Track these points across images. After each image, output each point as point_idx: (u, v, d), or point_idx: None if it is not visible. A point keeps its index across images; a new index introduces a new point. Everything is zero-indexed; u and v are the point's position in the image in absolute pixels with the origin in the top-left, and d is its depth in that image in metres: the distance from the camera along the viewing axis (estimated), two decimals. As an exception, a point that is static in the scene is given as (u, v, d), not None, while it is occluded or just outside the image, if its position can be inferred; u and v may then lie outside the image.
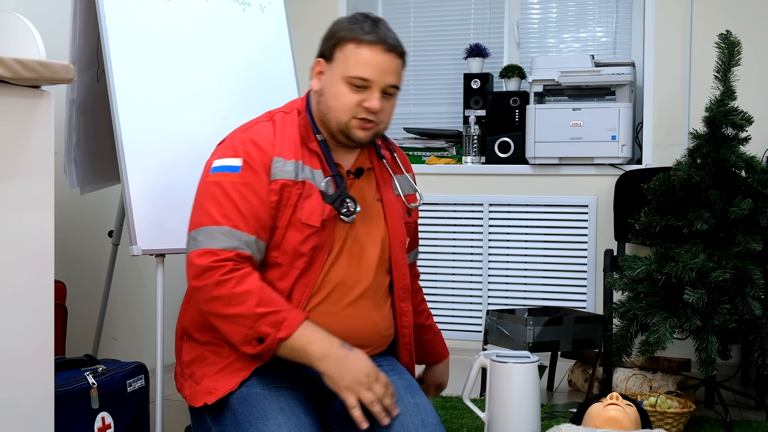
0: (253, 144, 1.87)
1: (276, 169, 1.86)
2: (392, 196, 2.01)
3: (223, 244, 1.79)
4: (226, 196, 1.83)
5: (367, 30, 1.87)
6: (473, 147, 4.21)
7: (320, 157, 1.91)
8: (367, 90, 1.86)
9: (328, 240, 1.88)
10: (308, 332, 1.77)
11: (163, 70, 2.52)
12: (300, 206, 1.86)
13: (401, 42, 1.94)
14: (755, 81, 3.79)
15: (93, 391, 2.13)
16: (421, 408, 1.86)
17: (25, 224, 1.72)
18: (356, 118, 1.87)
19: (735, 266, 2.86)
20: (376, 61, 1.85)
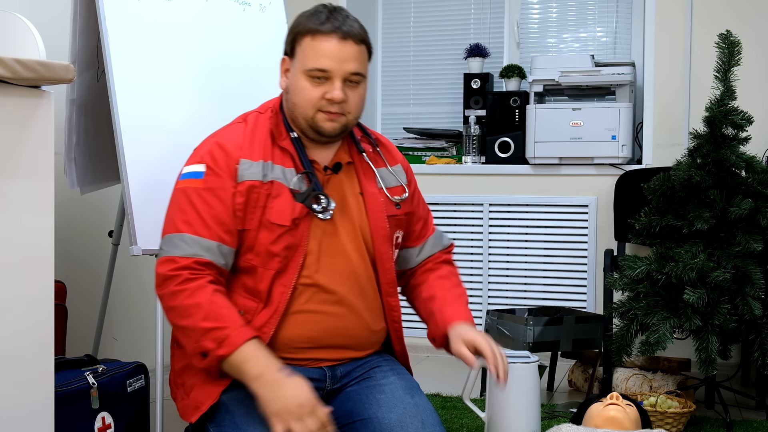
0: (219, 147, 1.86)
1: (242, 170, 1.84)
2: (375, 190, 1.97)
3: (182, 251, 1.79)
4: (189, 203, 1.83)
5: (322, 20, 1.84)
6: (473, 147, 4.21)
7: (293, 155, 1.89)
8: (328, 81, 1.83)
9: (303, 239, 1.86)
10: (249, 351, 1.73)
11: (163, 70, 2.52)
12: (269, 206, 1.84)
13: (363, 29, 1.89)
14: (755, 81, 3.79)
15: (93, 391, 2.13)
16: (421, 408, 1.85)
17: (25, 224, 1.72)
18: (321, 111, 1.85)
19: (735, 266, 2.86)
20: (333, 51, 1.82)
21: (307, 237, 1.86)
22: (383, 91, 4.72)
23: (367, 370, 1.94)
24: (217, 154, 1.85)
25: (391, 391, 1.87)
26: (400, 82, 4.68)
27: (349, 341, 1.91)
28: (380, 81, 4.71)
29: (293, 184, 1.87)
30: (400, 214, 2.01)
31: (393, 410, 1.82)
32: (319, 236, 1.88)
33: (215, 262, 1.81)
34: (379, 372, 1.93)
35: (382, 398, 1.86)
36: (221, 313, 1.76)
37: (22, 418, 1.72)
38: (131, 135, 2.37)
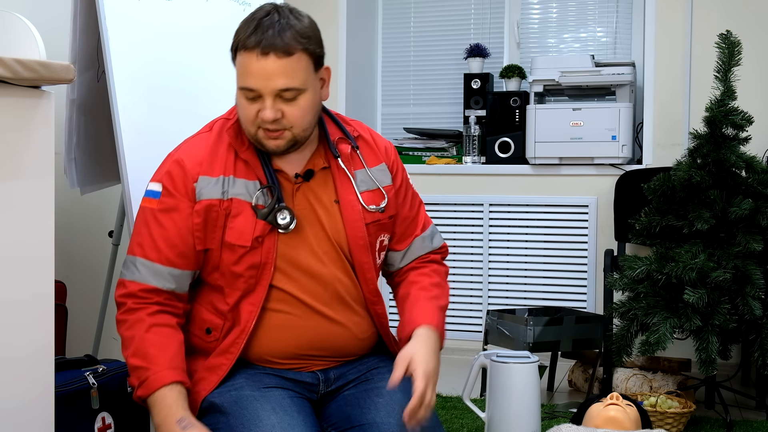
0: (178, 166, 1.79)
1: (200, 188, 1.77)
2: (352, 197, 1.86)
3: (132, 276, 1.79)
4: (144, 224, 1.80)
5: (249, 31, 1.71)
6: (473, 147, 4.21)
7: (256, 166, 1.81)
8: (260, 99, 1.72)
9: (269, 256, 1.79)
10: (159, 397, 1.71)
11: (162, 70, 2.52)
12: (228, 226, 1.78)
13: (297, 35, 1.71)
14: (755, 81, 3.79)
15: (93, 392, 2.13)
16: None
17: (25, 224, 1.72)
18: (261, 128, 1.75)
19: (735, 266, 2.86)
20: (256, 69, 1.70)
21: (273, 254, 1.79)
22: (383, 91, 4.72)
23: (364, 372, 1.90)
24: (175, 174, 1.79)
25: (389, 394, 1.83)
26: (401, 82, 4.68)
27: (334, 350, 1.87)
28: (380, 81, 4.72)
29: (256, 198, 1.79)
30: (383, 218, 1.91)
31: (392, 414, 1.78)
32: (289, 251, 1.81)
33: (164, 287, 1.78)
34: (376, 374, 1.89)
35: (381, 402, 1.82)
36: (148, 352, 1.73)
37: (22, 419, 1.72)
38: (131, 135, 2.37)
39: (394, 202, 1.94)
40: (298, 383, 1.86)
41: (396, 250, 1.99)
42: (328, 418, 1.86)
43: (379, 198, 1.90)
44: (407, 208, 1.99)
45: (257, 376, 1.83)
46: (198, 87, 2.60)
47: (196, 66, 2.61)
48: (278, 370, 1.85)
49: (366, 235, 1.86)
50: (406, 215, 1.99)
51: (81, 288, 3.09)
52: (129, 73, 2.40)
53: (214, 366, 1.83)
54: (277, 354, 1.85)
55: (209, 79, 2.65)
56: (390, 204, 1.92)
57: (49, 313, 1.79)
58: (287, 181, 1.83)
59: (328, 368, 1.89)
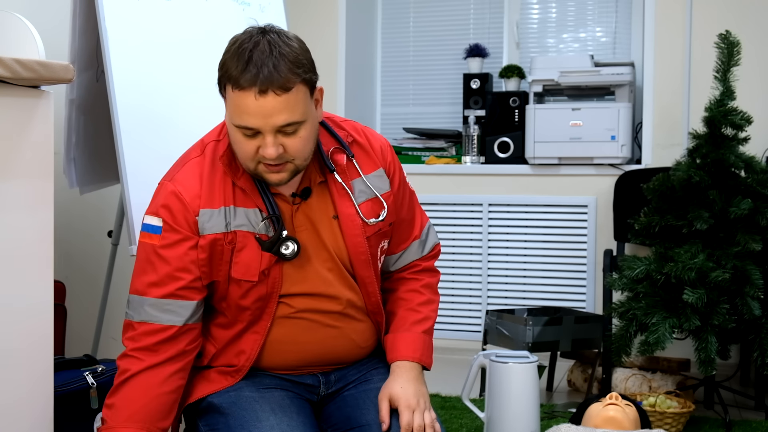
0: (177, 199, 1.72)
1: (203, 223, 1.72)
2: (351, 211, 1.80)
3: (139, 316, 1.72)
4: (148, 262, 1.73)
5: (242, 68, 1.61)
6: (473, 147, 4.21)
7: (253, 193, 1.75)
8: (260, 136, 1.65)
9: (275, 286, 1.76)
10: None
11: (162, 70, 2.52)
12: (234, 261, 1.73)
13: (292, 66, 1.62)
14: (755, 81, 3.79)
15: (92, 391, 2.13)
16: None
17: (24, 224, 1.72)
18: (262, 163, 1.68)
19: (734, 266, 2.86)
20: (254, 108, 1.61)
21: (279, 284, 1.76)
22: (383, 91, 4.72)
23: (364, 372, 1.90)
24: (175, 208, 1.72)
25: None
26: (400, 82, 4.68)
27: (337, 359, 1.87)
28: (380, 81, 4.71)
29: (259, 228, 1.74)
30: (384, 227, 1.86)
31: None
32: (293, 275, 1.78)
33: (171, 323, 1.72)
34: (376, 374, 1.89)
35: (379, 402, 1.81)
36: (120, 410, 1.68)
37: (21, 418, 1.72)
38: (130, 135, 2.37)
39: (393, 209, 1.89)
40: (299, 385, 1.86)
41: (392, 253, 1.95)
42: (328, 419, 1.86)
43: (379, 207, 1.85)
44: (405, 209, 1.94)
45: (257, 378, 1.83)
46: (198, 87, 2.60)
47: (196, 66, 2.61)
48: (279, 379, 1.85)
49: (367, 249, 1.82)
50: (404, 217, 1.94)
51: (80, 288, 3.09)
52: (128, 73, 2.40)
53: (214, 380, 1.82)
54: (280, 366, 1.85)
55: (209, 79, 2.64)
56: (390, 211, 1.87)
57: (48, 313, 1.79)
58: (285, 203, 1.78)
59: (329, 372, 1.89)
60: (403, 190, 1.94)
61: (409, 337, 1.87)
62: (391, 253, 1.95)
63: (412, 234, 1.97)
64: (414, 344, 1.86)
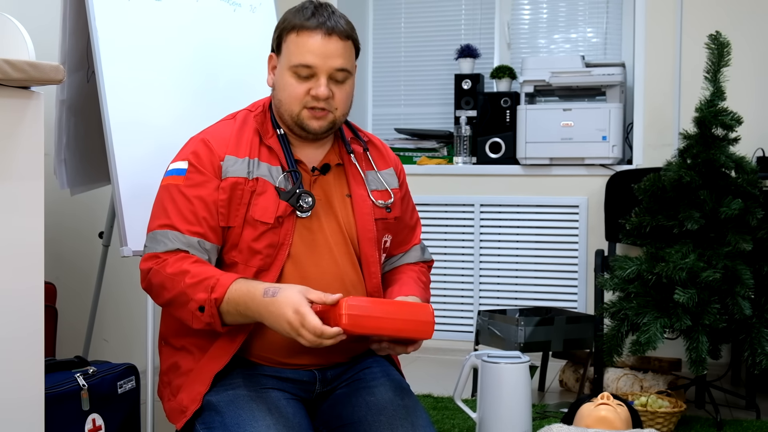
0: (204, 144, 1.85)
1: (227, 167, 1.83)
2: (363, 192, 1.94)
3: (165, 247, 1.80)
4: (171, 200, 1.83)
5: (308, 16, 1.83)
6: (464, 147, 4.21)
7: (279, 153, 1.88)
8: (313, 78, 1.82)
9: (287, 237, 1.84)
10: (237, 290, 1.72)
11: (153, 71, 2.51)
12: (253, 203, 1.83)
13: (349, 25, 1.88)
14: (745, 81, 3.80)
15: (83, 393, 2.13)
16: (411, 410, 1.83)
17: (14, 225, 1.71)
18: (307, 108, 1.84)
19: (725, 266, 2.87)
20: (317, 46, 1.81)
21: (291, 236, 1.84)
22: (374, 91, 4.72)
23: (357, 372, 1.92)
24: (201, 152, 1.84)
25: (380, 393, 1.85)
26: (391, 82, 4.69)
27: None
28: (371, 81, 4.72)
29: (279, 182, 1.85)
30: (390, 218, 1.98)
31: (383, 413, 1.80)
32: (304, 236, 1.86)
33: (198, 256, 1.80)
34: (369, 374, 1.91)
35: (372, 401, 1.84)
36: (205, 269, 1.76)
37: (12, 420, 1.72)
38: (121, 136, 2.36)
39: (399, 204, 2.01)
40: (296, 382, 1.86)
41: (393, 255, 2.06)
42: (321, 417, 1.87)
43: (387, 197, 1.98)
44: (408, 216, 2.07)
45: (255, 377, 1.83)
46: (189, 87, 2.60)
47: (187, 66, 2.61)
48: (277, 369, 1.85)
49: (374, 229, 1.93)
50: (407, 223, 2.07)
51: (71, 289, 3.08)
52: (119, 73, 2.39)
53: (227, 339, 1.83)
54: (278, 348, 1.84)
55: (200, 79, 2.64)
56: (396, 204, 1.99)
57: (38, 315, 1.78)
58: (306, 172, 1.90)
59: (325, 368, 1.89)
60: (408, 197, 2.09)
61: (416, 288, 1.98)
62: (393, 254, 2.06)
63: (413, 239, 2.10)
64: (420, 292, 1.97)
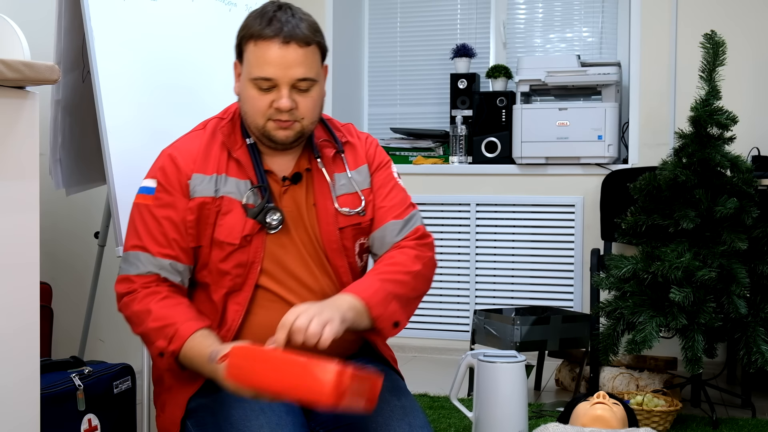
0: (172, 162, 1.82)
1: (194, 186, 1.79)
2: (328, 201, 1.86)
3: (137, 270, 1.80)
4: (141, 220, 1.82)
5: (264, 23, 1.74)
6: (460, 147, 4.21)
7: (247, 165, 1.82)
8: (275, 89, 1.74)
9: (257, 255, 1.80)
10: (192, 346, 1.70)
11: (148, 71, 2.51)
12: (218, 224, 1.79)
13: (312, 28, 1.77)
14: (740, 81, 3.81)
15: (79, 393, 2.12)
16: (407, 410, 1.81)
17: (9, 225, 1.71)
18: (272, 119, 1.76)
19: (720, 265, 2.88)
20: (275, 57, 1.72)
21: (261, 253, 1.81)
22: (370, 91, 4.72)
23: None
24: (169, 170, 1.81)
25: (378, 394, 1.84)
26: (387, 82, 4.68)
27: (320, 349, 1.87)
28: (367, 81, 4.71)
29: (246, 198, 1.80)
30: (363, 222, 1.89)
31: (379, 413, 1.77)
32: (276, 251, 1.82)
33: (171, 279, 1.80)
34: None
35: None
36: (168, 312, 1.75)
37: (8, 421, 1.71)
38: (117, 136, 2.36)
39: (371, 205, 1.91)
40: None
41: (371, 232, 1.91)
42: (317, 418, 1.86)
43: (357, 202, 1.89)
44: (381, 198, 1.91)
45: None
46: (184, 87, 2.60)
47: (182, 66, 2.60)
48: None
49: (339, 239, 1.86)
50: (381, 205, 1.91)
51: (67, 289, 3.07)
52: (114, 73, 2.39)
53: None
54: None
55: (195, 78, 2.64)
56: (368, 206, 1.90)
57: (34, 315, 1.78)
58: (276, 183, 1.84)
59: None
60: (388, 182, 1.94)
61: (362, 280, 1.79)
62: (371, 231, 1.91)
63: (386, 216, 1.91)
64: (363, 284, 1.76)
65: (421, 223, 1.95)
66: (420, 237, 1.91)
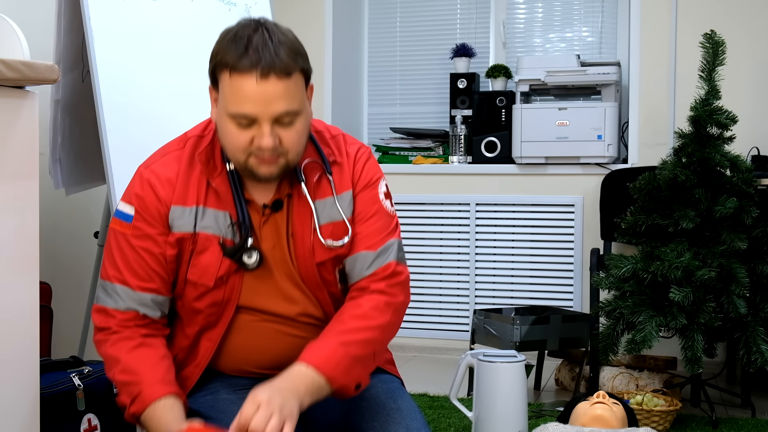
0: (151, 189, 1.68)
1: (173, 219, 1.67)
2: (305, 232, 1.71)
3: (115, 303, 1.69)
4: (119, 250, 1.69)
5: (241, 51, 1.54)
6: (460, 147, 4.21)
7: (227, 196, 1.68)
8: (255, 125, 1.57)
9: (233, 293, 1.70)
10: (154, 412, 1.61)
11: (148, 71, 2.51)
12: (192, 263, 1.68)
13: (292, 52, 1.57)
14: (740, 80, 3.81)
15: (79, 393, 2.12)
16: (405, 413, 1.76)
17: (9, 225, 1.71)
18: (254, 155, 1.60)
19: (720, 264, 2.88)
20: (254, 93, 1.54)
21: (237, 292, 1.71)
22: (369, 91, 4.72)
23: None
24: (148, 198, 1.68)
25: (372, 397, 1.78)
26: (387, 82, 4.68)
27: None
28: (366, 81, 4.71)
29: (225, 231, 1.68)
30: (344, 252, 1.74)
31: (375, 418, 1.74)
32: (254, 286, 1.71)
33: (149, 314, 1.70)
34: None
35: (364, 405, 1.77)
36: (137, 367, 1.65)
37: (7, 420, 1.71)
38: (116, 136, 2.36)
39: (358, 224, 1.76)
40: None
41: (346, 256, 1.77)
42: (312, 423, 1.81)
43: (341, 233, 1.73)
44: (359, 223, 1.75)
45: (232, 379, 1.79)
46: (184, 87, 2.60)
47: (182, 66, 2.60)
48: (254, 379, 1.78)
49: (317, 273, 1.73)
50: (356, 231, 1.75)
51: (66, 289, 3.07)
52: (114, 73, 2.39)
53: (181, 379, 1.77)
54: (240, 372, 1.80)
55: (195, 79, 2.64)
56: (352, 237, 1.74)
57: (34, 315, 1.78)
58: (256, 213, 1.71)
59: None
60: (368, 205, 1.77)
61: (319, 343, 1.65)
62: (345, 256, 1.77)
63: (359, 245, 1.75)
64: (325, 351, 1.62)
65: (397, 255, 1.76)
66: (391, 275, 1.73)
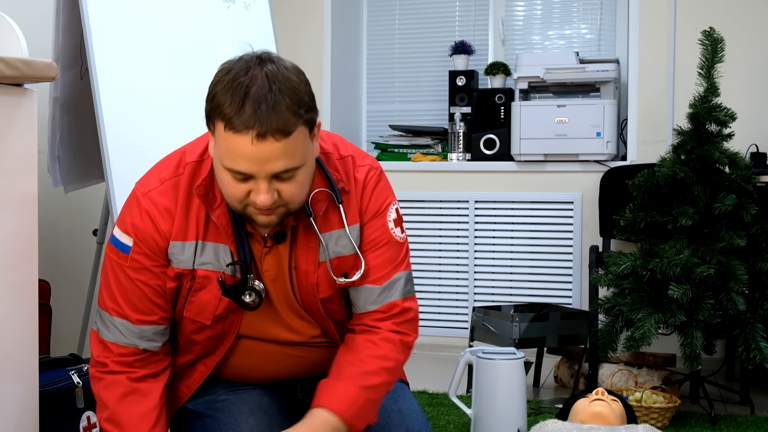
0: (150, 221, 1.59)
1: (172, 254, 1.60)
2: (310, 266, 1.63)
3: (113, 336, 1.63)
4: (116, 281, 1.62)
5: (236, 106, 1.42)
6: (459, 144, 4.21)
7: (227, 229, 1.60)
8: (252, 180, 1.47)
9: (232, 327, 1.66)
10: None
11: (147, 68, 2.51)
12: (190, 301, 1.63)
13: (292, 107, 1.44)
14: (739, 77, 3.81)
15: (78, 391, 2.12)
16: (405, 414, 1.76)
17: (8, 223, 1.71)
18: (251, 206, 1.51)
19: (719, 262, 2.88)
20: (249, 153, 1.43)
21: (237, 326, 1.67)
22: (368, 88, 4.71)
23: None
24: (147, 230, 1.59)
25: None
26: (386, 79, 4.68)
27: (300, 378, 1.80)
28: (365, 78, 4.71)
29: (224, 269, 1.61)
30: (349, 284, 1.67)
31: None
32: (254, 319, 1.66)
33: (148, 348, 1.64)
34: None
35: None
36: (124, 417, 1.60)
37: (7, 418, 1.71)
38: (115, 133, 2.36)
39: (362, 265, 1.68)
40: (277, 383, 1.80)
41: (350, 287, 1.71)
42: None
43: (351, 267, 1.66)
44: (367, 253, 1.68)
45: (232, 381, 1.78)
46: (182, 84, 2.59)
47: (181, 64, 2.60)
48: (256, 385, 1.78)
49: (320, 307, 1.67)
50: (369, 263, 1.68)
51: (65, 287, 3.07)
52: (112, 70, 2.39)
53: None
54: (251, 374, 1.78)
55: (194, 77, 2.63)
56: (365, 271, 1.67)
57: (33, 313, 1.78)
58: (257, 244, 1.63)
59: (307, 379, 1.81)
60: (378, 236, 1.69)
61: (340, 386, 1.61)
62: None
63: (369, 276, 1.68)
64: (343, 394, 1.60)
65: (404, 290, 1.71)
66: (400, 313, 1.70)
